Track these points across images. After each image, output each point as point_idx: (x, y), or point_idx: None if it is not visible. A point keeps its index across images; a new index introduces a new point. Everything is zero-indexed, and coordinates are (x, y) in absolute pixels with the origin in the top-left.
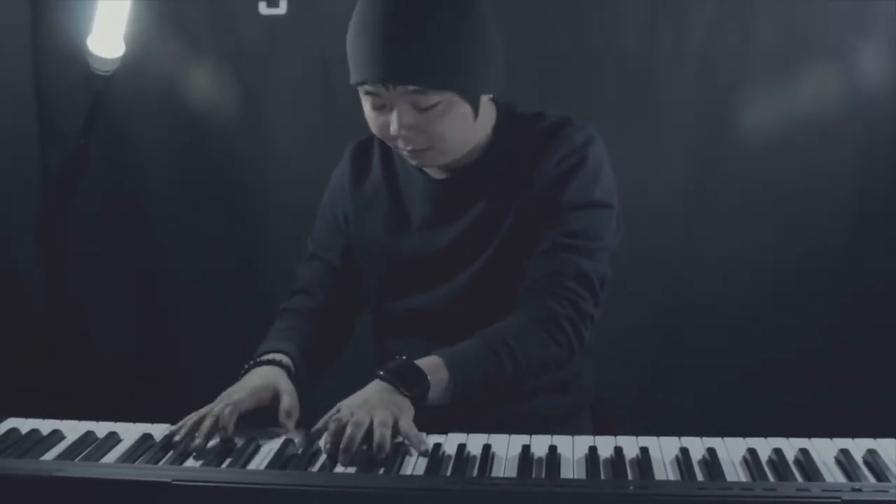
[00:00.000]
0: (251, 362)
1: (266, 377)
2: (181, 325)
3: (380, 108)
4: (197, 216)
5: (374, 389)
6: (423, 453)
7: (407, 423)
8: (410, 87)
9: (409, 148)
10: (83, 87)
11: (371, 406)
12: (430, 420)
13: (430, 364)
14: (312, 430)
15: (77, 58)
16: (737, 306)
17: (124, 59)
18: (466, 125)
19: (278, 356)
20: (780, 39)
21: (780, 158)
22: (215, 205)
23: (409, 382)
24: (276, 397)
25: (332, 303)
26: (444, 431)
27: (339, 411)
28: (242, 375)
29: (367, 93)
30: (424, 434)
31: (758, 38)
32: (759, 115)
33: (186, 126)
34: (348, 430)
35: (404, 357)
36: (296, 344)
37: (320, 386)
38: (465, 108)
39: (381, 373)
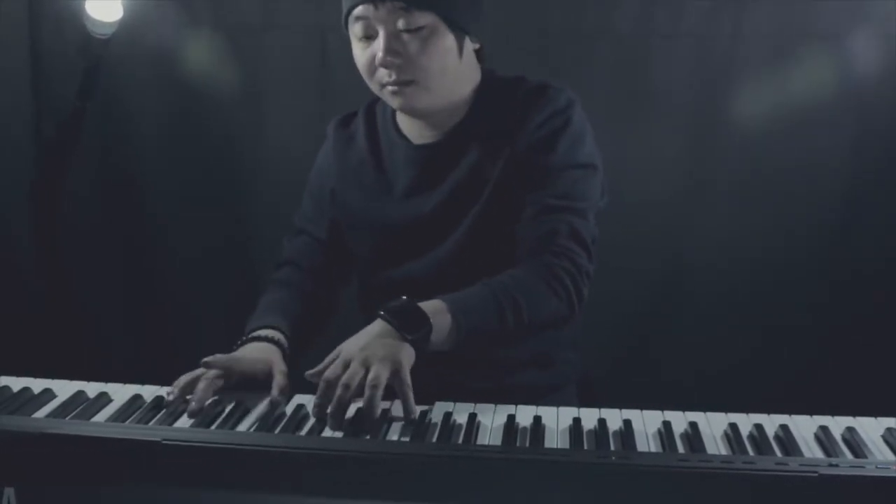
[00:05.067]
0: (246, 336)
1: (263, 351)
2: (171, 294)
3: (367, 38)
4: (190, 184)
5: (375, 332)
6: (409, 421)
7: (402, 379)
8: (398, 4)
9: (392, 79)
10: (80, 51)
11: (368, 355)
12: (417, 390)
13: (434, 307)
14: (309, 372)
15: (74, 20)
16: (726, 288)
17: (121, 24)
18: (450, 61)
19: (273, 333)
20: (774, 24)
21: (773, 142)
22: (208, 173)
23: (411, 324)
24: (269, 374)
25: (319, 275)
26: (431, 402)
27: (338, 356)
28: (237, 348)
29: (357, 19)
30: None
31: (752, 22)
32: (753, 99)
33: (182, 94)
34: (338, 392)
35: (406, 297)
36: (287, 319)
37: (308, 360)
38: (450, 40)
39: (383, 312)
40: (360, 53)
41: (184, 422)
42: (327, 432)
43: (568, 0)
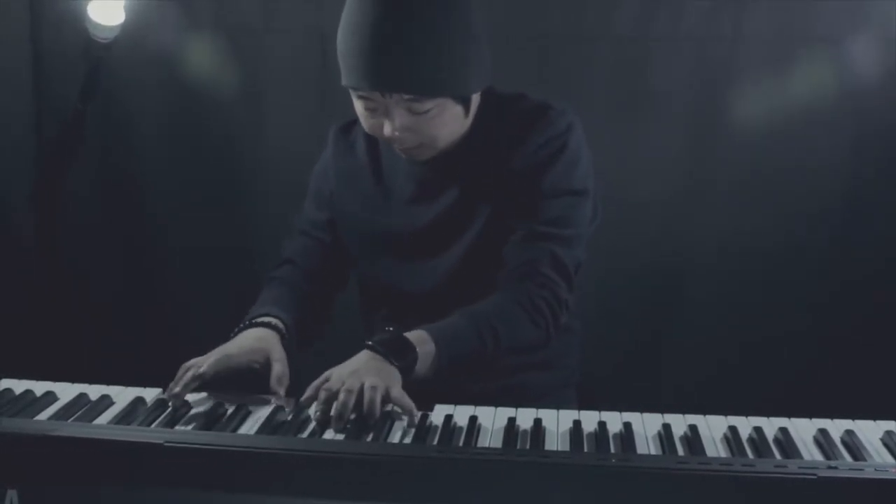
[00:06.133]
0: (244, 323)
1: (259, 339)
2: (171, 294)
3: (372, 110)
4: (190, 185)
5: (364, 358)
6: (410, 423)
7: (398, 392)
8: (406, 96)
9: (402, 147)
10: (82, 54)
11: (361, 374)
12: (416, 395)
13: (418, 337)
14: (302, 398)
15: (76, 24)
16: (726, 290)
17: (123, 28)
18: (458, 123)
19: (272, 319)
20: (774, 26)
21: (773, 144)
22: (209, 174)
23: (398, 353)
24: (267, 362)
25: (316, 277)
26: (431, 406)
27: (328, 380)
28: (234, 335)
29: (360, 97)
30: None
31: (752, 24)
32: (753, 101)
33: (182, 95)
34: (341, 397)
35: (392, 329)
36: (287, 310)
37: (309, 365)
38: (457, 110)
39: (370, 343)
40: (364, 117)
41: (186, 424)
42: (328, 435)
43: (568, 2)
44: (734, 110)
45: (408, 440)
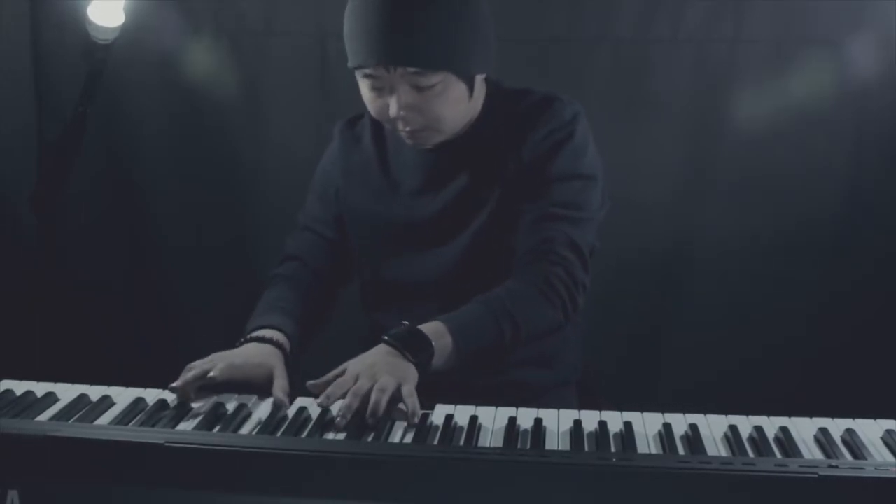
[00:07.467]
0: (248, 336)
1: (263, 356)
2: (173, 296)
3: (378, 90)
4: (191, 189)
5: (381, 353)
6: (411, 423)
7: (409, 390)
8: (410, 69)
9: (407, 129)
10: (82, 56)
11: (375, 371)
12: (420, 390)
13: (435, 330)
14: (311, 382)
15: (76, 26)
16: (725, 290)
17: (123, 30)
18: (462, 104)
19: (274, 334)
20: (774, 28)
21: (773, 146)
22: (210, 177)
23: (414, 348)
24: (269, 378)
25: (322, 273)
26: (431, 406)
27: (344, 373)
28: (237, 347)
29: (367, 76)
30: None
31: (752, 26)
32: (753, 104)
33: (183, 99)
34: (347, 399)
35: (408, 323)
36: (290, 318)
37: (310, 362)
38: (461, 88)
39: (386, 338)
40: (370, 99)
41: (187, 424)
42: (329, 435)
43: (568, 5)
44: (734, 112)
45: (408, 440)
